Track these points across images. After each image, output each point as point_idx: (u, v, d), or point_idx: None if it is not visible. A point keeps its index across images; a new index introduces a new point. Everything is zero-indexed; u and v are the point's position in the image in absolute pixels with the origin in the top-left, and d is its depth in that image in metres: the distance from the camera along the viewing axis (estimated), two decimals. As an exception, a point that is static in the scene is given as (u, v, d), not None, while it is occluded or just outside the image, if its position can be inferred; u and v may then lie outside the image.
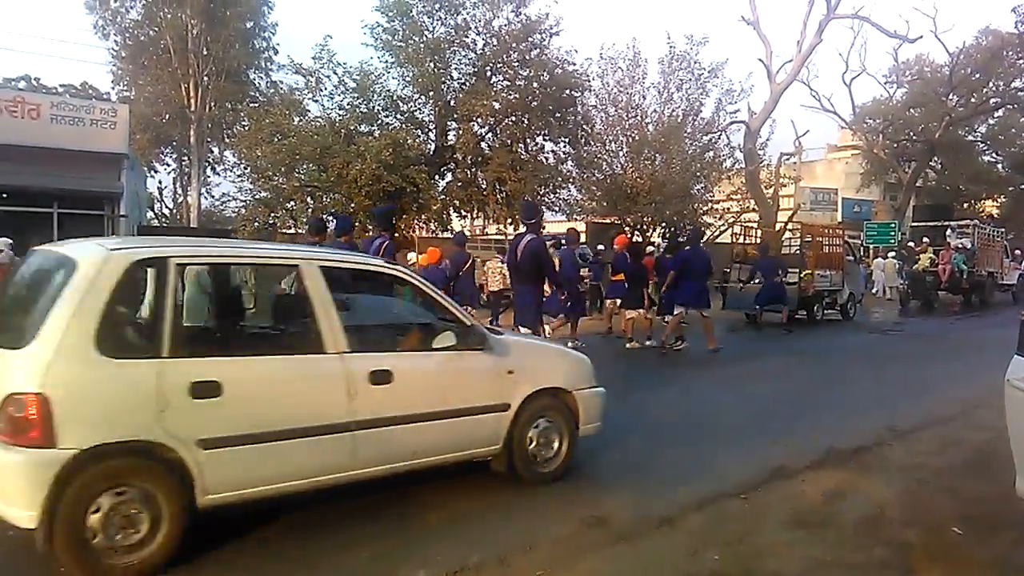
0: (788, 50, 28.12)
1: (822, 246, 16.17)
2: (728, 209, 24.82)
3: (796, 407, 7.64)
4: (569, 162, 17.67)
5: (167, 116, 27.76)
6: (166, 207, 32.92)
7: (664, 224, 22.19)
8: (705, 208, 23.06)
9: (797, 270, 15.13)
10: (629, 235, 22.18)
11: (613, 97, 23.18)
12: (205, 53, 25.95)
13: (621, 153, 23.44)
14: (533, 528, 4.15)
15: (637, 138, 22.73)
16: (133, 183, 18.41)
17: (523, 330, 7.58)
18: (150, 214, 28.22)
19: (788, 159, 28.62)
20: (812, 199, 33.21)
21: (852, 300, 16.97)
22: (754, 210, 24.01)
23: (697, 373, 10.26)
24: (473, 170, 15.71)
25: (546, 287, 8.64)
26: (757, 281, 14.68)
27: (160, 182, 32.31)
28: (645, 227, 22.81)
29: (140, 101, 26.91)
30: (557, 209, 18.02)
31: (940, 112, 30.60)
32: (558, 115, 15.56)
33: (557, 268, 11.94)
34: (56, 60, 61.45)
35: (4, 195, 15.40)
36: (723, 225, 23.94)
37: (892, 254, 23.92)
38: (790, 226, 21.82)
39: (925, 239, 21.66)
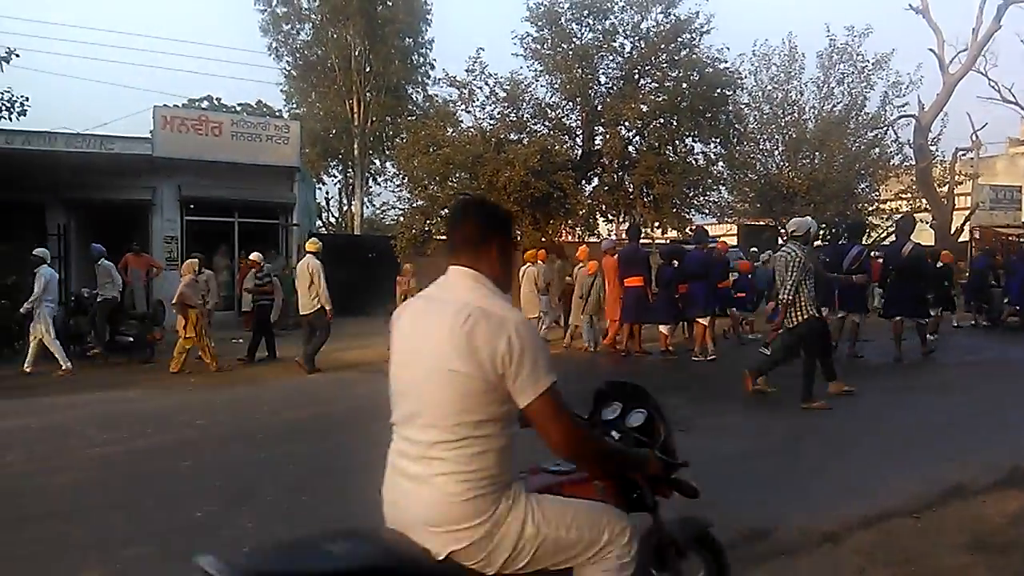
0: (962, 38, 25.88)
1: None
2: (897, 209, 23.16)
3: (979, 422, 7.06)
4: (720, 163, 17.16)
5: (333, 131, 29.71)
6: (332, 216, 35.11)
7: (824, 225, 21.07)
8: (871, 208, 21.64)
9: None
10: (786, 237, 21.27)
11: (767, 94, 22.33)
12: (367, 70, 27.57)
13: (776, 152, 22.53)
14: (688, 536, 4.12)
15: (794, 136, 21.77)
16: (304, 194, 19.82)
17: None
18: (319, 223, 30.21)
19: (964, 155, 26.33)
20: (992, 197, 30.35)
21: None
22: (926, 210, 22.27)
23: (872, 383, 9.69)
24: (620, 174, 15.62)
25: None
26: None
27: (327, 193, 34.55)
28: (803, 229, 21.77)
29: (309, 117, 28.98)
30: (707, 212, 17.57)
31: None
32: (708, 115, 15.17)
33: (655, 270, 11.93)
34: (234, 81, 67.38)
35: (191, 206, 17.09)
36: (891, 226, 22.40)
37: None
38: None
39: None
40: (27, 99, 11.61)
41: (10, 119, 11.75)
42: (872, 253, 11.00)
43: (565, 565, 2.11)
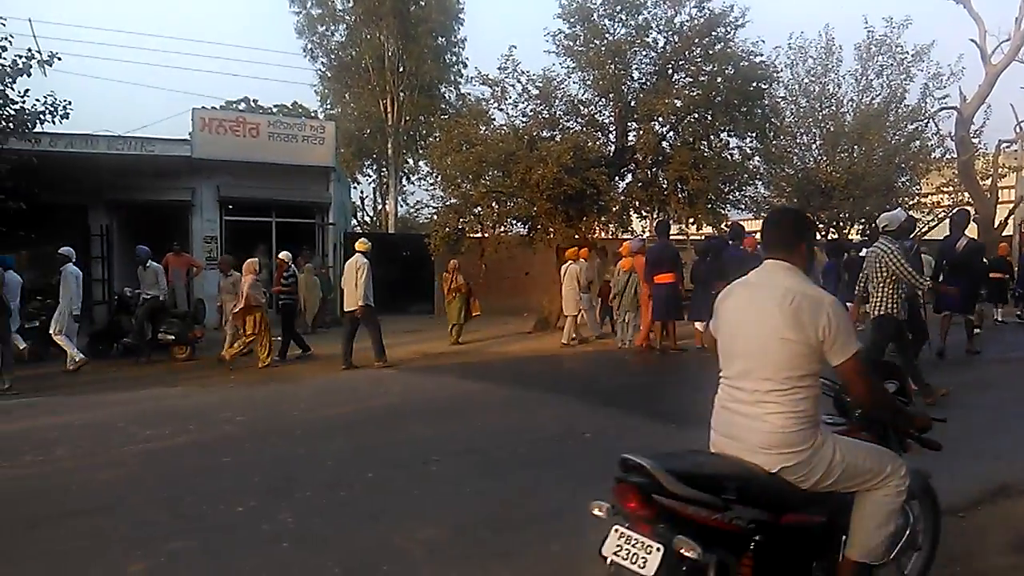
0: (1004, 28, 25.19)
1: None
2: (938, 203, 22.63)
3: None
4: (756, 158, 16.92)
5: (368, 131, 29.93)
6: (367, 215, 35.41)
7: (863, 220, 20.69)
8: (911, 202, 21.18)
9: None
10: (824, 232, 20.93)
11: (804, 87, 21.97)
12: (401, 70, 27.75)
13: (814, 146, 22.16)
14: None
15: (832, 129, 21.39)
16: (339, 194, 20.01)
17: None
18: (354, 222, 30.50)
19: (1008, 147, 25.60)
20: (1037, 190, 29.44)
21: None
22: (968, 203, 21.70)
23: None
24: (654, 170, 15.48)
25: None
26: None
27: (362, 192, 34.84)
28: (842, 224, 21.39)
29: (344, 117, 29.25)
30: (743, 207, 17.33)
31: None
32: (744, 109, 14.95)
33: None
34: (271, 83, 68.26)
35: (230, 206, 17.36)
36: (932, 220, 21.91)
37: None
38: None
39: None
40: (70, 103, 11.86)
41: (53, 122, 12.00)
42: (920, 248, 10.71)
43: (855, 488, 2.75)
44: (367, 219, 35.26)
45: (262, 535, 4.28)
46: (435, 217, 16.61)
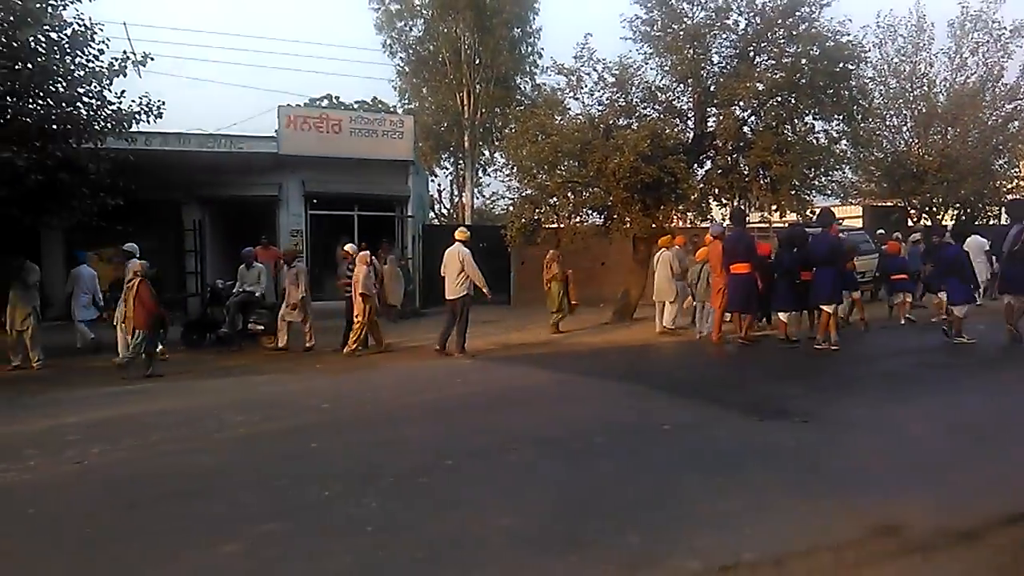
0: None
1: None
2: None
3: None
4: (843, 141, 16.26)
5: (445, 124, 30.28)
6: (444, 207, 35.85)
7: (958, 205, 19.68)
8: (1010, 186, 20.01)
9: None
10: (916, 218, 20.00)
11: (894, 68, 21.06)
12: (477, 63, 27.93)
13: (904, 128, 21.24)
14: (812, 531, 3.98)
15: (924, 110, 20.46)
16: (418, 186, 20.35)
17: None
18: (431, 214, 30.94)
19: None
20: None
21: None
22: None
23: (1001, 372, 9.03)
24: (734, 156, 15.09)
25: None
26: None
27: (439, 185, 35.28)
28: (935, 209, 20.41)
29: (422, 112, 29.64)
30: (830, 192, 16.73)
31: None
32: (830, 91, 14.38)
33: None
34: (351, 79, 69.81)
35: (315, 200, 17.89)
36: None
37: None
38: None
39: None
40: (163, 103, 12.36)
41: (148, 122, 12.51)
42: None
43: None
44: (444, 211, 35.68)
45: (348, 519, 4.41)
46: (511, 208, 16.65)
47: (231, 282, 13.00)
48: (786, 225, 15.15)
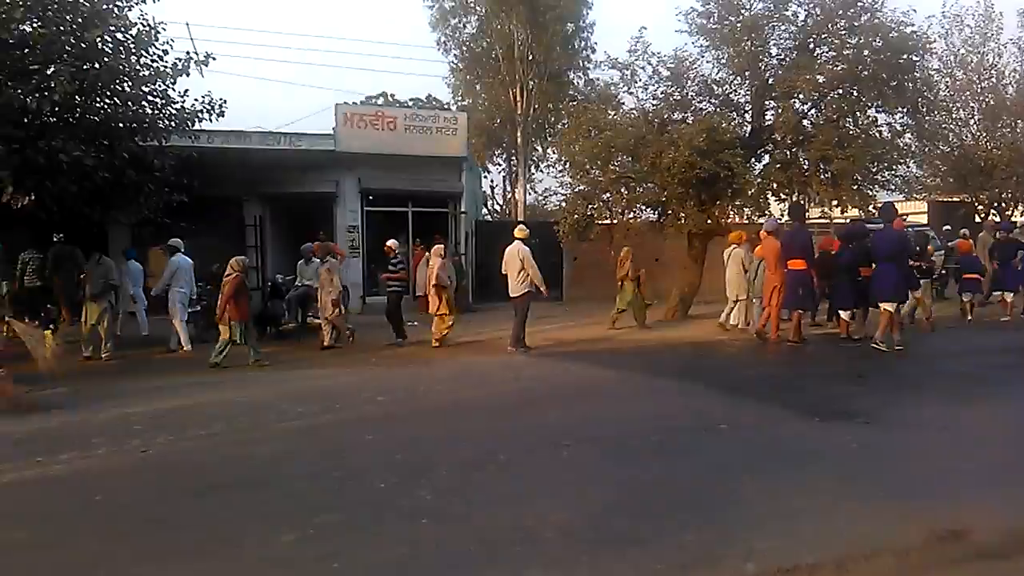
0: None
1: None
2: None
3: None
4: (907, 135, 15.74)
5: (498, 120, 30.39)
6: (496, 204, 35.95)
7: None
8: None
9: None
10: (984, 214, 19.27)
11: (960, 59, 20.35)
12: (530, 58, 27.94)
13: (972, 121, 20.50)
14: (875, 535, 3.88)
15: (992, 103, 19.72)
16: (471, 183, 20.44)
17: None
18: (484, 210, 31.06)
19: None
20: None
21: None
22: None
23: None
24: (793, 150, 14.74)
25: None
26: None
27: (492, 181, 35.40)
28: (1004, 205, 19.63)
29: (475, 108, 29.81)
30: (893, 188, 16.20)
31: None
32: (893, 83, 13.93)
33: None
34: (406, 77, 70.55)
35: (370, 197, 18.14)
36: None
37: None
38: None
39: None
40: (225, 101, 12.67)
41: (210, 120, 12.84)
42: None
43: None
44: (497, 207, 35.79)
45: (402, 511, 4.48)
46: (563, 204, 16.62)
47: (291, 277, 13.27)
48: (847, 221, 14.77)
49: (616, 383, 8.96)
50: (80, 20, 10.58)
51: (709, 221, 14.39)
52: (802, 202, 14.08)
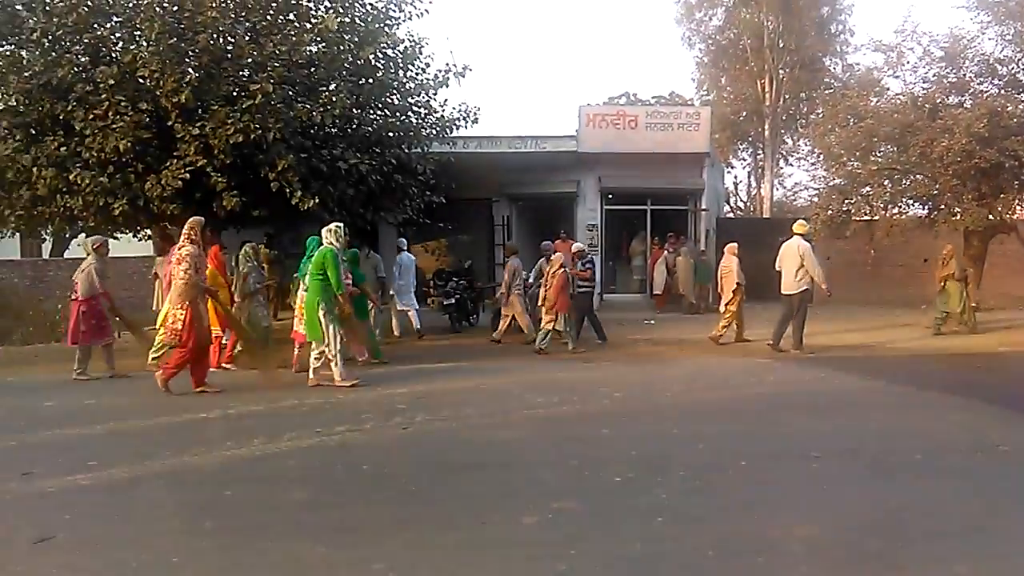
0: None
1: None
2: None
3: None
4: None
5: (743, 113, 29.31)
6: (740, 200, 34.66)
7: None
8: None
9: None
10: None
11: None
12: (780, 47, 26.58)
13: None
14: None
15: None
16: (713, 179, 19.88)
17: None
18: (726, 207, 30.08)
19: None
20: None
21: None
22: None
23: None
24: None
25: None
26: None
27: (735, 177, 34.19)
28: None
29: (719, 102, 28.98)
30: None
31: None
32: None
33: None
34: (649, 75, 70.27)
35: (610, 195, 18.34)
36: None
37: None
38: None
39: None
40: (479, 109, 13.52)
41: (466, 126, 13.76)
42: None
43: None
44: (740, 204, 34.47)
45: (638, 506, 4.49)
46: (816, 199, 15.66)
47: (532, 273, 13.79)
48: None
49: (872, 394, 8.24)
50: (357, 40, 11.85)
51: (991, 217, 12.76)
52: None
